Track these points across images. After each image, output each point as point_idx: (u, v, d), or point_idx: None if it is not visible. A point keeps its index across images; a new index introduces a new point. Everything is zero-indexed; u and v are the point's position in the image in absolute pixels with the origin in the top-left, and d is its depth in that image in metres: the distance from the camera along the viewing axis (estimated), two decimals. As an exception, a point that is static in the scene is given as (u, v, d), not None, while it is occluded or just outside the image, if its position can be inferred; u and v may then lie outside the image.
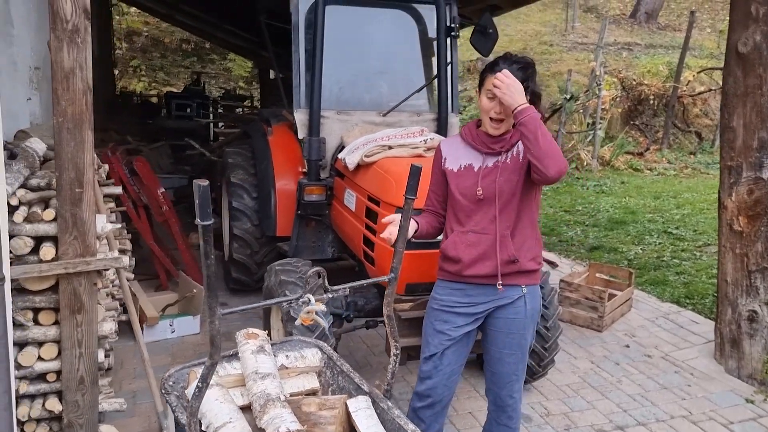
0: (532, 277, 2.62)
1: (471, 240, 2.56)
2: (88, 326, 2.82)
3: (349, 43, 4.38)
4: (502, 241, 2.52)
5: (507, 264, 2.53)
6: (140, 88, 19.66)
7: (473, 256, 2.55)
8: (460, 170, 2.60)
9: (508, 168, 2.51)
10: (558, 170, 2.32)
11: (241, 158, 5.13)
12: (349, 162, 3.72)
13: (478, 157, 2.58)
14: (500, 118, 2.48)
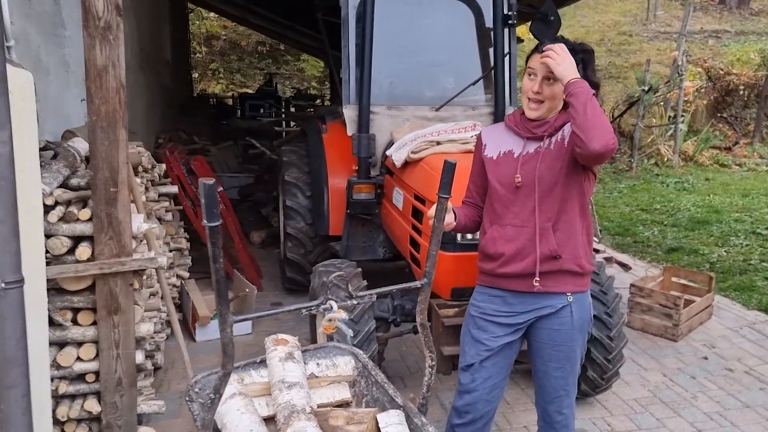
0: (579, 282, 2.37)
1: (509, 234, 2.34)
2: (125, 327, 2.79)
3: (401, 36, 4.22)
4: (543, 234, 2.29)
5: (547, 260, 2.29)
6: (218, 90, 20.28)
7: (511, 251, 2.34)
8: (499, 157, 2.40)
9: (550, 154, 2.28)
10: (603, 144, 2.05)
11: (296, 156, 5.07)
12: (396, 159, 3.56)
13: (519, 143, 2.37)
14: (538, 99, 2.27)
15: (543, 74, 2.26)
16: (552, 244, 2.28)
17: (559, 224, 2.29)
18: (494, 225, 2.39)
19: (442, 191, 2.13)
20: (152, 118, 6.95)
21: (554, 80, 2.24)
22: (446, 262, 3.03)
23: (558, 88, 2.24)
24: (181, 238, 4.69)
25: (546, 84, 2.26)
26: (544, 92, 2.26)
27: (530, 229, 2.30)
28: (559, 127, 2.29)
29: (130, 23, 5.53)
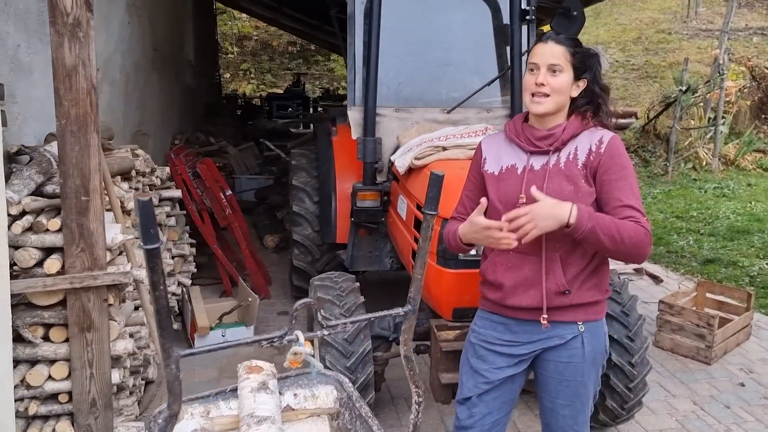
0: (593, 310, 2.09)
1: (512, 261, 2.08)
2: (99, 345, 2.61)
3: (410, 33, 3.97)
4: (550, 266, 2.02)
5: (555, 296, 2.02)
6: (249, 90, 20.28)
7: (514, 281, 2.07)
8: (501, 173, 2.12)
9: (560, 173, 2.01)
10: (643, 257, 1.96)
11: (306, 160, 4.85)
12: (399, 165, 3.31)
13: (521, 157, 2.09)
14: (543, 92, 1.99)
15: (546, 64, 1.99)
16: (560, 278, 2.01)
17: (569, 256, 2.02)
18: (495, 249, 2.13)
19: (428, 206, 1.87)
20: (169, 119, 6.83)
21: (560, 71, 1.98)
22: (447, 280, 2.77)
23: (565, 79, 1.99)
24: (183, 244, 4.53)
25: (550, 75, 1.99)
26: (551, 84, 1.98)
27: (536, 258, 2.03)
28: (567, 140, 2.02)
29: (141, 24, 5.40)
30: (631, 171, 2.01)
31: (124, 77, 4.84)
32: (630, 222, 1.92)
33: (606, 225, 1.88)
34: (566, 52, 1.99)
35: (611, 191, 1.97)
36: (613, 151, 1.99)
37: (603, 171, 1.98)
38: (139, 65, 5.34)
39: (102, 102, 4.24)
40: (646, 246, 1.92)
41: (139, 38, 5.33)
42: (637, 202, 1.96)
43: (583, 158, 2.00)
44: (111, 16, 4.43)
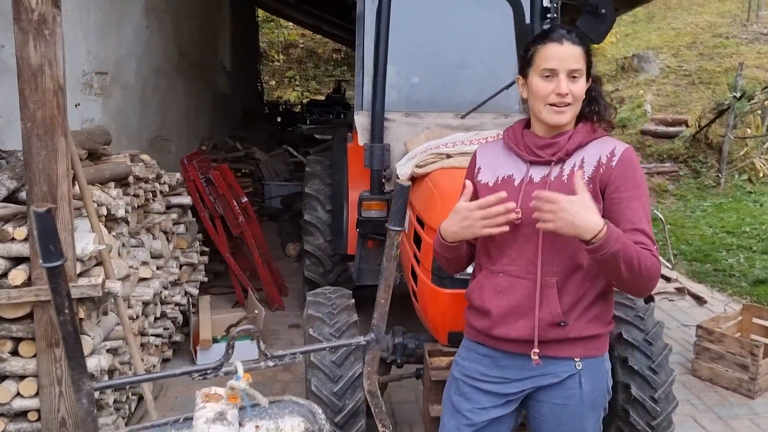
0: (593, 345, 1.81)
1: (501, 285, 1.82)
2: (68, 361, 2.46)
3: (424, 33, 3.74)
4: (545, 292, 1.75)
5: (549, 327, 1.76)
6: (293, 97, 20.38)
7: (503, 308, 1.81)
8: (496, 183, 1.86)
9: (562, 188, 1.73)
10: (645, 293, 1.74)
11: (320, 167, 4.67)
12: (401, 173, 3.08)
13: (520, 167, 1.84)
14: (567, 102, 1.73)
15: (567, 70, 1.72)
16: (555, 307, 1.74)
17: (568, 282, 1.76)
18: (484, 269, 1.88)
19: (392, 221, 1.64)
20: (196, 124, 6.78)
21: (580, 75, 1.74)
22: (442, 300, 2.52)
23: (583, 84, 1.75)
24: (192, 253, 4.40)
25: (571, 82, 1.73)
26: (573, 92, 1.73)
27: (528, 283, 1.77)
28: (572, 151, 1.77)
29: (163, 28, 5.34)
30: (645, 190, 1.75)
31: (141, 81, 4.77)
32: (646, 251, 1.65)
33: (629, 251, 1.60)
34: (583, 53, 1.75)
35: (623, 211, 1.70)
36: (627, 166, 1.73)
37: (614, 187, 1.72)
38: (160, 70, 5.27)
39: (112, 106, 4.17)
40: (655, 278, 1.68)
41: (160, 43, 5.27)
42: (649, 227, 1.70)
43: (591, 171, 1.74)
44: (124, 20, 4.36)
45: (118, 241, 3.13)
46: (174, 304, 4.04)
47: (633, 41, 15.16)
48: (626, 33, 16.10)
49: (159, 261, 3.89)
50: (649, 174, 9.30)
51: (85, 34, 3.64)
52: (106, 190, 2.99)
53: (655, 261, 1.65)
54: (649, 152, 9.88)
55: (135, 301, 3.25)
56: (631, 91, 11.83)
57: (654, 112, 10.87)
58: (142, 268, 3.51)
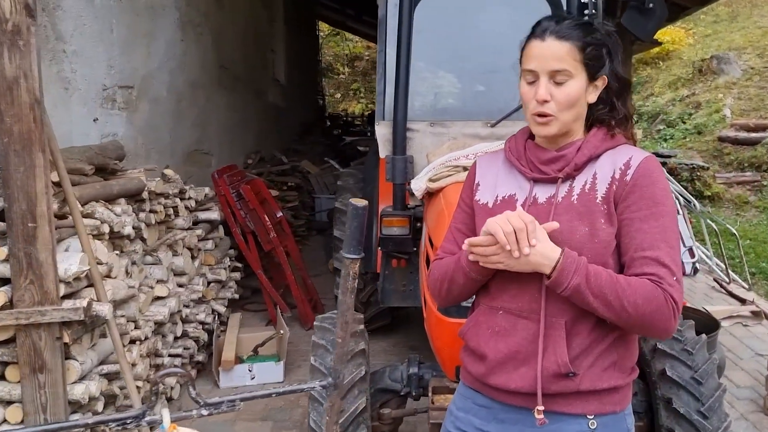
0: (610, 399, 1.49)
1: (500, 325, 1.53)
2: (53, 388, 2.34)
3: (451, 36, 3.46)
4: (550, 335, 1.45)
5: (555, 378, 1.45)
6: (358, 109, 20.40)
7: (501, 353, 1.52)
8: (495, 204, 1.57)
9: (572, 209, 1.45)
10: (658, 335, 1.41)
11: (353, 180, 4.47)
12: (415, 188, 2.83)
13: (523, 185, 1.54)
14: (547, 113, 1.44)
15: (547, 71, 1.44)
16: (562, 353, 1.43)
17: (579, 323, 1.45)
18: (482, 305, 1.60)
19: (346, 248, 1.41)
20: (241, 138, 6.76)
21: (567, 77, 1.43)
22: (449, 331, 2.25)
23: (575, 87, 1.44)
24: (220, 269, 4.29)
25: (554, 86, 1.44)
26: (556, 98, 1.44)
27: (531, 323, 1.47)
28: (582, 165, 1.47)
29: (201, 41, 5.32)
30: (668, 209, 1.41)
31: (175, 95, 4.73)
32: (645, 282, 1.34)
33: (600, 285, 1.33)
34: (573, 48, 1.43)
35: (633, 235, 1.40)
36: (644, 180, 1.41)
37: (625, 206, 1.41)
38: (198, 83, 5.24)
39: (139, 120, 4.13)
40: (664, 319, 1.34)
41: (198, 56, 5.24)
42: (667, 253, 1.37)
43: (604, 189, 1.44)
44: (156, 33, 4.32)
45: (126, 259, 3.03)
46: (198, 322, 3.92)
47: (713, 42, 14.21)
48: (706, 34, 15.15)
49: (182, 278, 3.79)
50: (728, 184, 8.59)
51: (106, 48, 3.60)
52: (110, 207, 2.89)
53: (657, 294, 1.33)
54: (728, 160, 9.13)
55: (144, 322, 3.13)
56: (709, 95, 11.02)
57: (734, 117, 10.07)
58: (158, 287, 3.41)
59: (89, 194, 2.84)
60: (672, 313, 1.33)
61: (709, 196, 8.31)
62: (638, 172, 1.41)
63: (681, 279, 1.37)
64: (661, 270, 1.35)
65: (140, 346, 3.07)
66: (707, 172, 8.61)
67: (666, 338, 1.37)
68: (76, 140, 3.28)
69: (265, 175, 6.64)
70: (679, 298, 1.34)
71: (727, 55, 11.87)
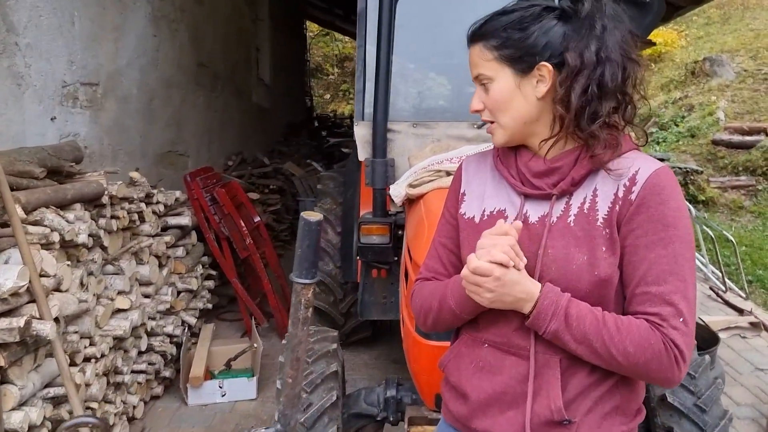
0: None
1: (485, 360, 1.32)
2: (-14, 416, 2.10)
3: (435, 32, 3.24)
4: (542, 374, 1.24)
5: (547, 426, 1.24)
6: (348, 110, 20.17)
7: (485, 393, 1.30)
8: (483, 220, 1.35)
9: (567, 232, 1.23)
10: (660, 384, 1.18)
11: (333, 184, 4.24)
12: (394, 194, 2.61)
13: (514, 201, 1.32)
14: (487, 120, 1.30)
15: (472, 78, 1.30)
16: (556, 397, 1.22)
17: (577, 361, 1.22)
18: (465, 334, 1.38)
19: (297, 271, 1.19)
20: (222, 138, 6.51)
21: (488, 80, 1.25)
22: (427, 355, 2.03)
23: (498, 88, 1.24)
24: (191, 278, 4.04)
25: (483, 91, 1.27)
26: (487, 104, 1.27)
27: (521, 360, 1.26)
28: (579, 180, 1.23)
29: (177, 38, 5.07)
30: (682, 233, 1.17)
31: (146, 93, 4.49)
32: (641, 325, 1.13)
33: (584, 330, 1.13)
34: (484, 47, 1.24)
35: (636, 265, 1.17)
36: (652, 198, 1.17)
37: (630, 229, 1.18)
38: (172, 81, 4.99)
39: (106, 120, 3.88)
40: (663, 369, 1.13)
41: (173, 53, 4.99)
42: (676, 288, 1.14)
43: (606, 209, 1.20)
44: (125, 27, 4.08)
45: (81, 270, 2.78)
46: (165, 335, 3.67)
47: (705, 44, 14.08)
48: (698, 36, 15.03)
49: (148, 288, 3.54)
50: (722, 188, 8.42)
51: (66, 42, 3.35)
52: (62, 214, 2.65)
53: (657, 342, 1.12)
54: (722, 164, 8.96)
55: (100, 337, 2.89)
56: (702, 98, 10.87)
57: (728, 119, 9.91)
58: (119, 299, 3.17)
59: (38, 200, 2.59)
60: (672, 362, 1.12)
61: (703, 201, 8.13)
62: (646, 189, 1.18)
63: (691, 320, 1.14)
64: (665, 309, 1.13)
65: (96, 365, 2.82)
66: (701, 176, 8.45)
67: (670, 387, 1.15)
68: (30, 141, 3.03)
69: (246, 177, 6.40)
70: (684, 344, 1.12)
71: (720, 58, 11.72)
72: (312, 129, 12.35)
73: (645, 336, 1.11)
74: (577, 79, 1.18)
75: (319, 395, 2.27)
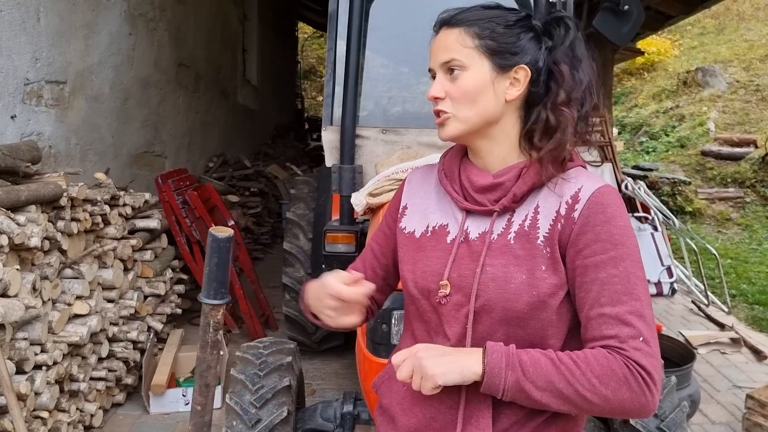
0: None
1: None
2: None
3: (407, 35, 3.16)
4: (474, 402, 1.16)
5: None
6: (341, 113, 20.09)
7: (413, 421, 1.24)
8: (425, 236, 1.27)
9: (507, 250, 1.16)
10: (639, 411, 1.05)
11: (308, 189, 4.16)
12: (355, 203, 2.53)
13: (456, 216, 1.24)
14: (441, 110, 1.20)
15: (439, 64, 1.18)
16: (486, 428, 1.15)
17: None
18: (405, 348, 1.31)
19: (205, 292, 1.10)
20: (203, 140, 6.42)
21: (460, 68, 1.16)
22: (376, 371, 1.92)
23: (471, 78, 1.15)
24: (159, 282, 3.94)
25: (448, 79, 1.17)
26: (450, 92, 1.17)
27: (453, 386, 1.15)
28: (522, 197, 1.17)
29: (154, 37, 4.98)
30: (630, 251, 1.10)
31: (120, 93, 4.40)
32: (597, 354, 1.05)
33: (543, 373, 1.04)
34: (462, 34, 1.16)
35: (587, 288, 1.10)
36: (596, 217, 1.11)
37: (577, 251, 1.11)
38: (150, 81, 4.90)
39: (75, 119, 3.78)
40: (633, 398, 1.03)
41: (150, 52, 4.91)
42: (631, 308, 1.06)
43: (547, 227, 1.14)
44: (97, 25, 3.99)
45: (33, 274, 2.68)
46: (129, 341, 3.57)
47: (699, 54, 14.07)
48: (692, 45, 15.02)
49: (111, 293, 3.44)
50: (710, 200, 8.37)
51: (30, 38, 3.25)
52: (11, 216, 2.55)
53: (619, 368, 1.03)
54: (711, 176, 8.91)
55: (53, 344, 2.79)
56: (693, 108, 10.84)
57: (718, 130, 9.88)
58: (77, 303, 3.07)
59: (-10, 201, 2.51)
60: (642, 386, 1.02)
61: (690, 212, 8.08)
62: (589, 208, 1.11)
63: (653, 340, 1.05)
64: (623, 330, 1.05)
65: (47, 372, 2.72)
66: (689, 186, 8.40)
67: (646, 416, 1.05)
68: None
69: (227, 179, 6.31)
70: (649, 365, 1.03)
71: (712, 68, 11.70)
72: (301, 131, 12.28)
73: (605, 364, 1.03)
74: (549, 95, 1.17)
75: (269, 411, 2.19)
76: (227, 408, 2.23)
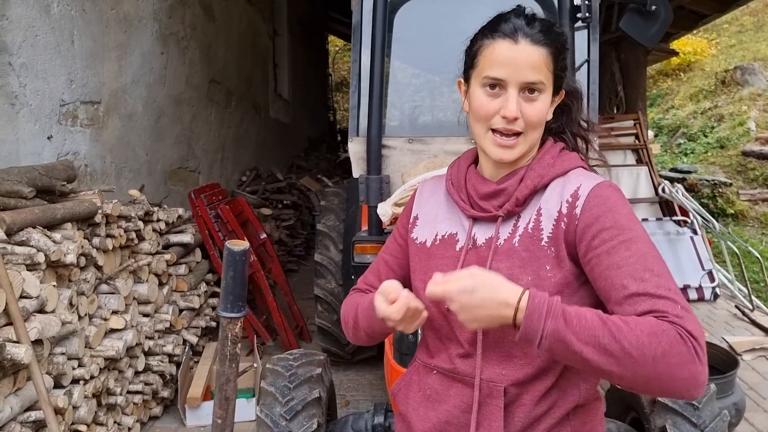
0: None
1: (432, 388, 1.27)
2: (-42, 442, 2.06)
3: (432, 45, 3.16)
4: (486, 404, 1.17)
5: None
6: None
7: (428, 423, 1.25)
8: (434, 244, 1.30)
9: (513, 254, 1.17)
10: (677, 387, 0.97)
11: (338, 200, 4.18)
12: (381, 213, 2.52)
13: (464, 224, 1.26)
14: (515, 131, 1.17)
15: (520, 82, 1.15)
16: (498, 429, 1.14)
17: (525, 391, 1.16)
18: (418, 360, 1.35)
19: (222, 305, 1.11)
20: (236, 154, 6.52)
21: (540, 91, 1.16)
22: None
23: (544, 103, 1.18)
24: (193, 296, 4.00)
25: (526, 100, 1.16)
26: (527, 115, 1.16)
27: (466, 388, 1.19)
28: (524, 200, 1.19)
29: (186, 55, 5.09)
30: (639, 233, 1.08)
31: (154, 111, 4.50)
32: (646, 317, 0.99)
33: (587, 326, 0.98)
34: (550, 56, 1.16)
35: (607, 276, 1.07)
36: (598, 209, 1.11)
37: (586, 245, 1.10)
38: (182, 98, 5.00)
39: (109, 138, 3.88)
40: (685, 362, 0.96)
41: (182, 70, 5.01)
42: (657, 283, 1.03)
43: (550, 228, 1.15)
44: (129, 46, 4.09)
45: (70, 290, 2.75)
46: (164, 354, 3.63)
47: (737, 52, 13.72)
48: (730, 44, 14.66)
49: (147, 307, 3.51)
50: (753, 201, 8.12)
51: (65, 61, 3.36)
52: (48, 234, 2.62)
53: (669, 328, 0.97)
54: (753, 176, 8.64)
55: (90, 358, 2.85)
56: (733, 108, 10.55)
57: (759, 130, 9.58)
58: (113, 318, 3.13)
59: (25, 220, 2.58)
60: (692, 351, 0.96)
61: (732, 214, 7.85)
62: (589, 202, 1.12)
63: (689, 308, 1.01)
64: (658, 303, 1.00)
65: (84, 386, 2.78)
66: (730, 188, 8.16)
67: (697, 393, 0.96)
68: (25, 160, 3.03)
69: (260, 192, 6.38)
70: (695, 330, 0.97)
71: (751, 66, 11.38)
72: (333, 143, 12.37)
73: (655, 323, 0.97)
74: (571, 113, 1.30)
75: (299, 423, 2.19)
76: (258, 420, 2.24)
